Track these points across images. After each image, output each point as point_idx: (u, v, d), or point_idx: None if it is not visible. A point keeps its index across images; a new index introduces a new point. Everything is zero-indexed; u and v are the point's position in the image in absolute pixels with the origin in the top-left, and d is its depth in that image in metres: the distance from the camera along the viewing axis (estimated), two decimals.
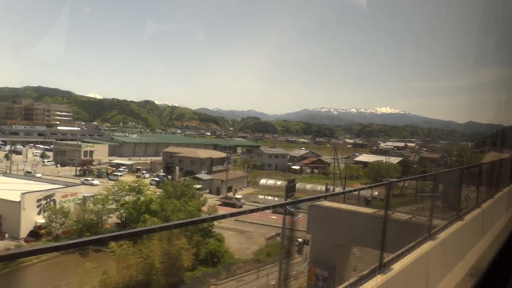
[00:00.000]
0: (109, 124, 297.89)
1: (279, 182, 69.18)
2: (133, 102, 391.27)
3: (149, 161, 79.39)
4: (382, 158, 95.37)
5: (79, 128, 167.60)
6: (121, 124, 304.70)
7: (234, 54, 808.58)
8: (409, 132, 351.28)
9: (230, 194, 58.72)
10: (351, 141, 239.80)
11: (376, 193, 64.95)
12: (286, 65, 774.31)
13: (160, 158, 78.88)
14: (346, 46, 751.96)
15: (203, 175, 59.82)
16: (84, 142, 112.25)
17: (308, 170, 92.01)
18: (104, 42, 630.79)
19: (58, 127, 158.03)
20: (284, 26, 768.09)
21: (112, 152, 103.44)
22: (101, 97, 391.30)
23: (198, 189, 53.92)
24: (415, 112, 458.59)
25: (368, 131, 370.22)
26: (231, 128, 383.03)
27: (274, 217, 46.11)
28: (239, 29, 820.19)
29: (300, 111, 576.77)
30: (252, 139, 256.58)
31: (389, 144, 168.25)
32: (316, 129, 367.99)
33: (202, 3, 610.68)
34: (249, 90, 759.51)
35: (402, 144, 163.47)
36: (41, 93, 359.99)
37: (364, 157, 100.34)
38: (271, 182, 68.69)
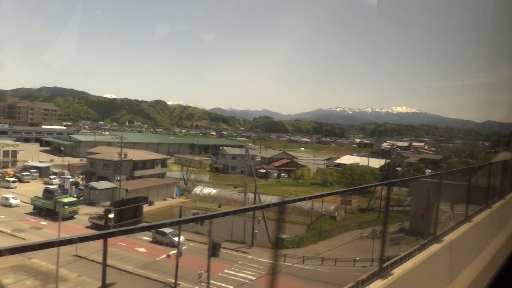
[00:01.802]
0: (115, 123, 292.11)
1: (214, 191, 53.86)
2: (144, 102, 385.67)
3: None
4: (366, 160, 78.49)
5: (65, 127, 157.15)
6: (126, 123, 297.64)
7: (249, 55, 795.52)
8: (424, 132, 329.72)
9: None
10: (358, 140, 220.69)
11: (332, 207, 48.55)
12: (300, 65, 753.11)
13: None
14: (361, 45, 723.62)
15: (102, 183, 45.33)
16: (43, 140, 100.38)
17: (278, 174, 75.93)
18: (119, 44, 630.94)
19: (43, 126, 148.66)
20: (298, 26, 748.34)
21: (70, 152, 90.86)
22: (116, 97, 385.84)
23: (70, 203, 39.45)
24: (432, 111, 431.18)
25: (381, 131, 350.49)
26: (242, 128, 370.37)
27: (142, 249, 30.97)
28: (253, 30, 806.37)
29: (314, 110, 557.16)
30: (254, 138, 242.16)
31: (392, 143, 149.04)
32: (327, 129, 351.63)
33: (217, 4, 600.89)
34: (263, 90, 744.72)
35: (406, 144, 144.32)
36: (57, 93, 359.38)
37: (346, 159, 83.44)
38: (206, 190, 53.31)
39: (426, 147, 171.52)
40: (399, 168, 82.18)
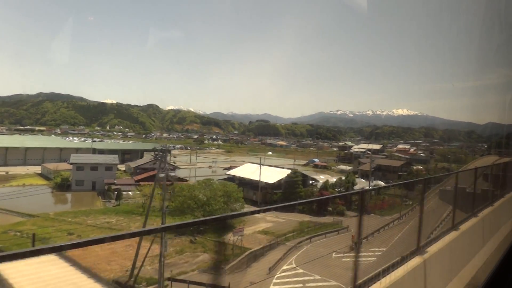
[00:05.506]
0: (98, 128, 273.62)
1: None
2: (137, 106, 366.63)
3: None
4: (269, 170, 50.63)
5: None
6: (107, 128, 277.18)
7: (249, 59, 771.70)
8: (423, 134, 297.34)
9: None
10: (341, 143, 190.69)
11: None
12: (301, 69, 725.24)
13: None
14: (362, 49, 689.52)
15: None
16: None
17: (118, 192, 48.63)
18: (120, 49, 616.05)
19: None
20: (299, 31, 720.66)
21: None
22: (105, 102, 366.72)
23: None
24: (434, 113, 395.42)
25: (379, 133, 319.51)
26: (235, 131, 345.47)
27: None
28: (253, 35, 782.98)
29: (315, 114, 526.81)
30: (232, 143, 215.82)
31: (363, 146, 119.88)
32: (320, 132, 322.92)
33: (219, 10, 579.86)
34: (264, 94, 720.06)
35: (378, 147, 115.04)
36: (53, 99, 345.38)
37: (239, 170, 55.49)
38: None
39: (411, 150, 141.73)
40: (319, 182, 53.57)
